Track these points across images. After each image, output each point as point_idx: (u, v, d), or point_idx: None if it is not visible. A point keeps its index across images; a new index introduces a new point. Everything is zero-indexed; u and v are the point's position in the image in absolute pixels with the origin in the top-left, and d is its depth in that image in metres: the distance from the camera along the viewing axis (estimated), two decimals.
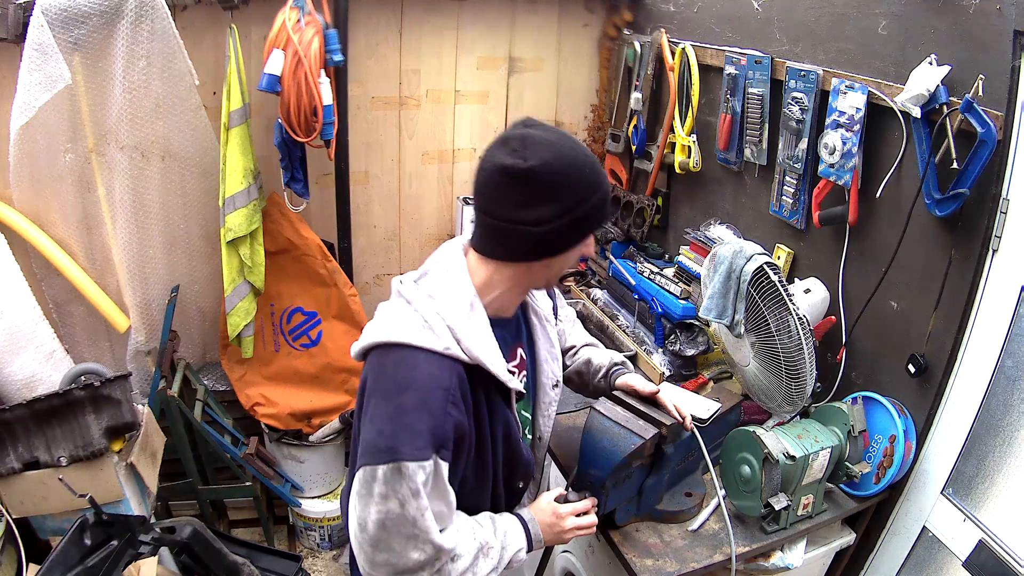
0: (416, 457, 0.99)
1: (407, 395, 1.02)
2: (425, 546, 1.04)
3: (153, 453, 1.90)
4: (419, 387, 1.02)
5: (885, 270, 1.63)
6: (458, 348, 1.06)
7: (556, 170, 1.03)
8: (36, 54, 1.81)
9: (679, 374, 2.11)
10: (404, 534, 1.02)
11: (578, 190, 1.05)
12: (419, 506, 1.01)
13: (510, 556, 1.20)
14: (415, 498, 1.00)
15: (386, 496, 1.00)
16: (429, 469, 1.01)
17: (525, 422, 1.32)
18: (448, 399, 1.03)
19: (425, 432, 1.00)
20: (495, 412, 1.15)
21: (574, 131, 2.85)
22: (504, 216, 1.06)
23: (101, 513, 1.55)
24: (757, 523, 1.56)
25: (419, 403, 1.01)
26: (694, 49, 2.21)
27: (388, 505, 1.01)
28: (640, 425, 1.44)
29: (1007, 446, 1.48)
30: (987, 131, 1.34)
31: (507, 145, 1.06)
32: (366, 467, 1.01)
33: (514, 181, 1.03)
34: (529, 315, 1.30)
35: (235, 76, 2.07)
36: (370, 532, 1.03)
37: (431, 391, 1.02)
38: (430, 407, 1.01)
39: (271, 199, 2.37)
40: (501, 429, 1.17)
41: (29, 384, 1.95)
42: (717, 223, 2.16)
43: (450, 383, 1.04)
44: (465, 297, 1.11)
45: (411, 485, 1.00)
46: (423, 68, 2.53)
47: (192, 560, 1.70)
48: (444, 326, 1.06)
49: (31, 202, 2.08)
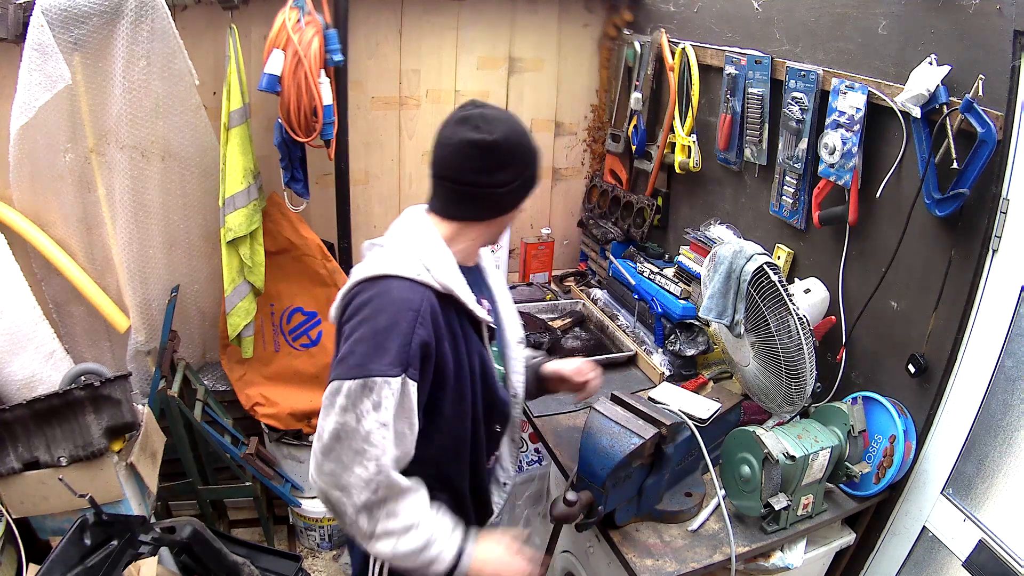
0: (384, 373, 1.07)
1: (380, 317, 1.11)
2: (369, 463, 1.10)
3: (153, 453, 1.90)
4: (391, 309, 1.11)
5: (885, 270, 1.63)
6: (429, 276, 1.17)
7: (514, 141, 1.22)
8: (36, 54, 1.81)
9: (679, 374, 2.11)
10: (353, 448, 1.09)
11: (527, 156, 1.26)
12: (377, 420, 1.08)
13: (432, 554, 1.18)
14: (375, 411, 1.08)
15: (346, 408, 1.08)
16: (395, 386, 1.09)
17: (500, 374, 1.37)
18: (417, 320, 1.11)
19: (394, 350, 1.08)
20: (470, 343, 1.24)
21: (574, 131, 2.85)
22: (472, 182, 1.22)
23: (101, 513, 1.55)
24: (757, 523, 1.56)
25: (390, 323, 1.10)
26: (694, 49, 2.21)
27: (346, 417, 1.08)
28: (640, 425, 1.45)
29: (1007, 446, 1.48)
30: (987, 131, 1.34)
31: (469, 123, 1.21)
32: (335, 380, 1.10)
33: (482, 152, 1.19)
34: (485, 274, 1.42)
35: (235, 76, 2.07)
36: (324, 440, 1.11)
37: (402, 312, 1.11)
38: (400, 327, 1.10)
39: (271, 199, 2.37)
40: (477, 362, 1.25)
41: (29, 384, 1.95)
42: (717, 223, 2.16)
43: (420, 305, 1.13)
44: (432, 238, 1.24)
45: (374, 399, 1.08)
46: (423, 68, 2.53)
47: (192, 560, 1.70)
48: (415, 258, 1.18)
49: (31, 202, 2.08)
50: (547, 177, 2.89)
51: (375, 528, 1.14)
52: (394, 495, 1.15)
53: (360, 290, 1.16)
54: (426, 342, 1.12)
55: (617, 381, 2.11)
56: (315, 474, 1.15)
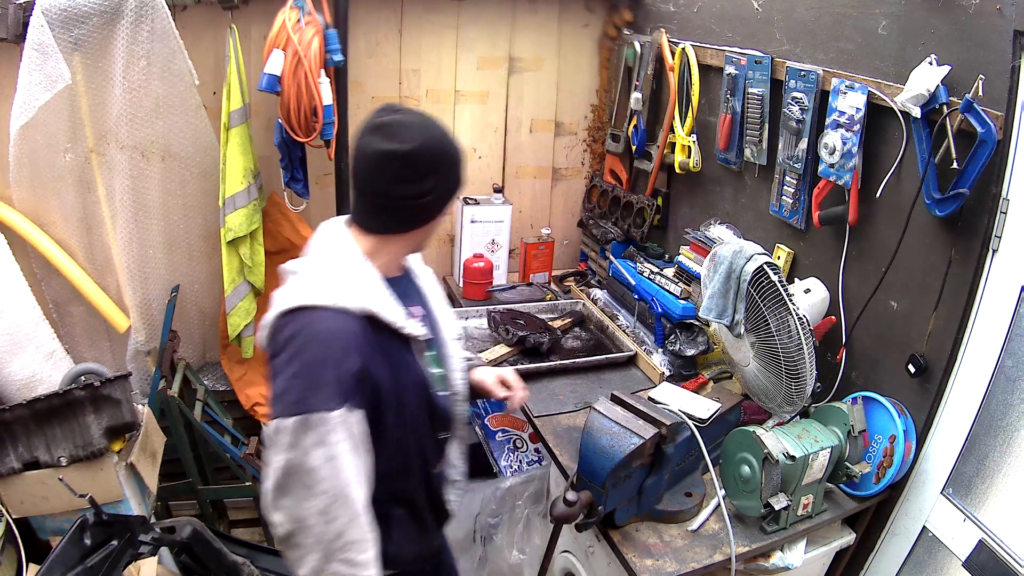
0: (323, 407, 1.05)
1: (308, 351, 1.08)
2: (320, 497, 1.08)
3: (153, 453, 1.90)
4: (320, 341, 1.08)
5: (885, 270, 1.63)
6: (350, 301, 1.12)
7: (430, 148, 1.16)
8: (36, 54, 1.81)
9: (679, 374, 2.11)
10: (302, 483, 1.07)
11: (447, 162, 1.21)
12: (327, 455, 1.06)
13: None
14: (323, 447, 1.06)
15: (291, 446, 1.06)
16: (337, 419, 1.06)
17: (438, 378, 1.34)
18: (347, 350, 1.09)
19: (329, 384, 1.06)
20: (404, 360, 1.21)
21: (574, 131, 2.85)
22: (390, 194, 1.17)
23: (101, 513, 1.55)
24: (757, 523, 1.56)
25: (320, 357, 1.07)
26: (694, 49, 2.21)
27: (292, 454, 1.06)
28: (640, 425, 1.45)
29: (1007, 446, 1.48)
30: (987, 131, 1.34)
31: (382, 132, 1.15)
32: (276, 419, 1.07)
33: (397, 163, 1.14)
34: (415, 277, 1.39)
35: (235, 76, 2.07)
36: (275, 479, 1.09)
37: (331, 344, 1.08)
38: (331, 359, 1.07)
39: (271, 199, 2.37)
40: (414, 377, 1.23)
41: (29, 384, 1.96)
42: (717, 223, 2.16)
43: (346, 335, 1.10)
44: (351, 257, 1.19)
45: (316, 436, 1.05)
46: (423, 68, 2.53)
47: (192, 560, 1.70)
48: (333, 283, 1.14)
49: (31, 202, 2.09)
50: (547, 177, 2.89)
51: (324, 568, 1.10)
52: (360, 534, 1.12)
53: (284, 323, 1.11)
54: (360, 369, 1.09)
55: (617, 381, 2.11)
56: (270, 509, 1.12)
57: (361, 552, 1.13)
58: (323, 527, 1.09)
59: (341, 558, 1.11)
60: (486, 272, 2.62)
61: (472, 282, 2.63)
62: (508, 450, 2.44)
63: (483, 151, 2.75)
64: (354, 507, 1.11)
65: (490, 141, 2.74)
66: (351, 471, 1.10)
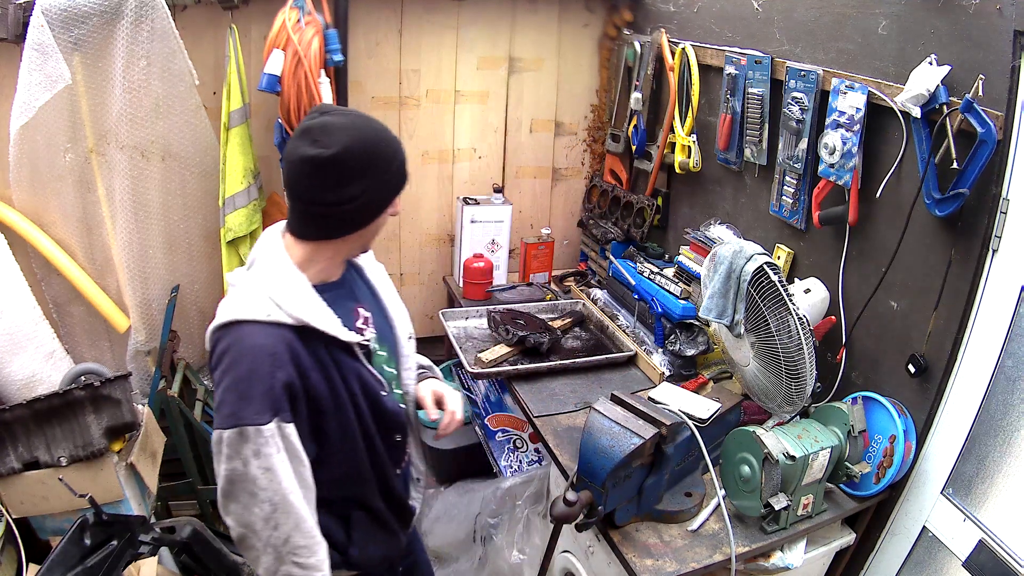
0: (255, 421, 1.08)
1: (240, 366, 1.10)
2: (264, 504, 1.11)
3: (153, 453, 1.90)
4: (248, 357, 1.10)
5: (885, 270, 1.63)
6: (280, 313, 1.13)
7: (357, 151, 1.12)
8: (36, 54, 1.81)
9: (679, 374, 2.11)
10: (247, 491, 1.11)
11: (379, 164, 1.15)
12: (262, 466, 1.09)
13: None
14: (255, 458, 1.09)
15: (231, 456, 1.09)
16: (269, 432, 1.09)
17: (391, 377, 1.34)
18: (275, 364, 1.10)
19: (259, 398, 1.08)
20: (343, 368, 1.20)
21: (574, 131, 2.85)
22: (317, 201, 1.14)
23: (101, 513, 1.55)
24: (757, 523, 1.56)
25: (249, 372, 1.09)
26: (694, 49, 2.21)
27: (234, 464, 1.10)
28: (640, 425, 1.45)
29: (1007, 446, 1.48)
30: (987, 131, 1.34)
31: (308, 136, 1.12)
32: (216, 431, 1.11)
33: (320, 169, 1.11)
34: (366, 276, 1.38)
35: (235, 76, 2.07)
36: (222, 485, 1.13)
37: (258, 359, 1.09)
38: (259, 374, 1.09)
39: (271, 199, 2.37)
40: (357, 384, 1.22)
41: (29, 384, 1.95)
42: (717, 223, 2.16)
43: (276, 348, 1.11)
44: (282, 268, 1.18)
45: (252, 447, 1.08)
46: (423, 68, 2.53)
47: (192, 560, 1.71)
48: (264, 296, 1.14)
49: (31, 202, 2.08)
50: (547, 177, 2.89)
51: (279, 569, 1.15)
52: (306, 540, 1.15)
53: (219, 337, 1.14)
54: (289, 382, 1.10)
55: (617, 381, 2.11)
56: (223, 513, 1.16)
57: (310, 556, 1.16)
58: (270, 532, 1.13)
59: (292, 561, 1.15)
60: (486, 272, 2.62)
61: (472, 282, 2.63)
62: (508, 450, 2.45)
63: (483, 151, 2.75)
64: (296, 514, 1.14)
65: (490, 141, 2.74)
66: (289, 480, 1.12)
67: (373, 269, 1.41)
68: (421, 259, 2.82)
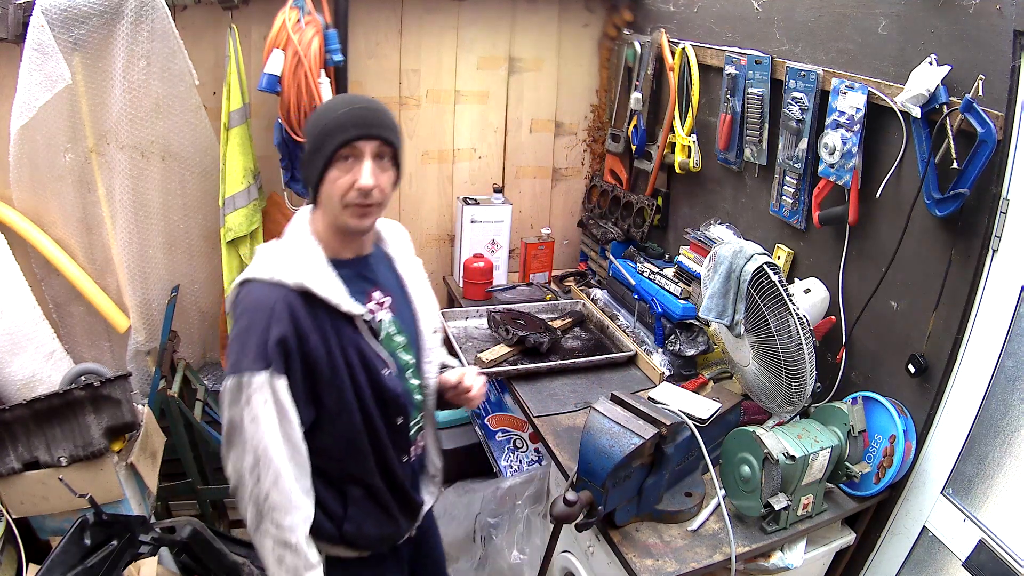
0: (251, 369, 1.15)
1: (242, 320, 1.20)
2: (249, 455, 1.18)
3: (153, 453, 1.90)
4: (250, 311, 1.19)
5: (885, 270, 1.63)
6: (284, 276, 1.20)
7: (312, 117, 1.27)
8: (36, 54, 1.81)
9: (679, 374, 2.11)
10: (241, 439, 1.19)
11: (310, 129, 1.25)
12: (248, 415, 1.17)
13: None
14: (248, 407, 1.16)
15: (231, 404, 1.18)
16: (260, 382, 1.16)
17: (408, 366, 1.38)
18: (270, 318, 1.17)
19: (254, 348, 1.16)
20: (343, 338, 1.24)
21: (574, 131, 2.85)
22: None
23: (101, 513, 1.55)
24: (757, 523, 1.56)
25: (248, 325, 1.18)
26: (694, 49, 2.21)
27: (231, 412, 1.19)
28: (640, 425, 1.45)
29: (1007, 446, 1.48)
30: (987, 131, 1.34)
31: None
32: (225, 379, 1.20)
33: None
34: (396, 267, 1.43)
35: (235, 76, 2.07)
36: (224, 433, 1.23)
37: (257, 313, 1.18)
38: (256, 327, 1.17)
39: (271, 199, 2.37)
40: (355, 354, 1.25)
41: (29, 384, 1.95)
42: (717, 223, 2.16)
43: (274, 305, 1.18)
44: (299, 238, 1.27)
45: (246, 395, 1.16)
46: (423, 68, 2.53)
47: (192, 560, 1.71)
48: (274, 260, 1.23)
49: (31, 202, 2.08)
50: (547, 177, 2.89)
51: (259, 524, 1.21)
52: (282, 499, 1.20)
53: (234, 294, 1.24)
54: (283, 338, 1.17)
55: (617, 381, 2.11)
56: (224, 458, 1.25)
57: (285, 516, 1.20)
58: (254, 484, 1.19)
59: (270, 518, 1.20)
60: (486, 272, 2.62)
61: (472, 282, 2.63)
62: (508, 450, 2.45)
63: (483, 151, 2.75)
64: (275, 469, 1.19)
65: (490, 141, 2.74)
66: (272, 433, 1.18)
67: (407, 262, 1.46)
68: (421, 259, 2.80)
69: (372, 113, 1.22)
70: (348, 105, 1.23)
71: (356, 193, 1.20)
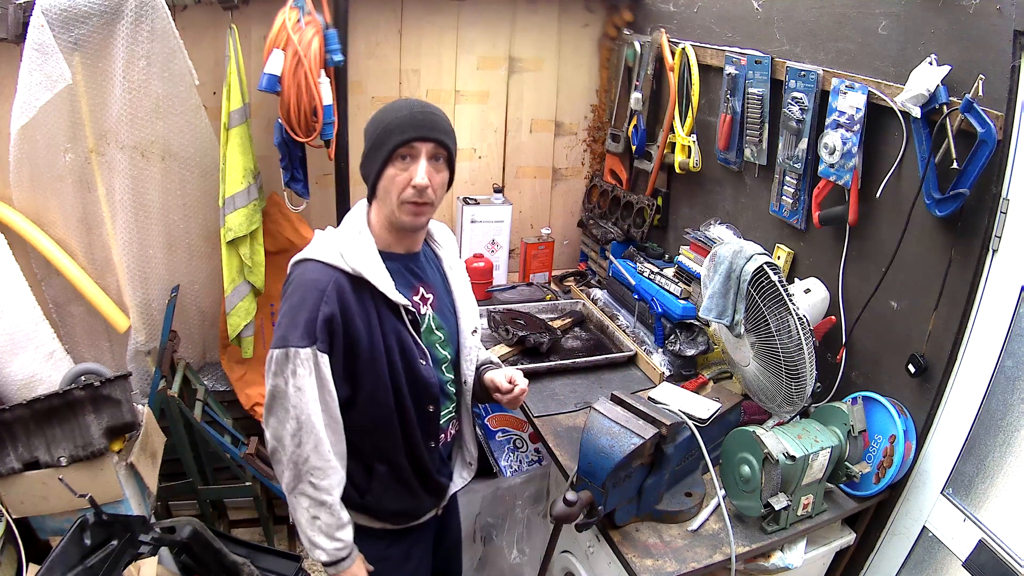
0: (297, 344, 1.24)
1: (295, 296, 1.27)
2: (291, 421, 1.27)
3: (153, 453, 1.90)
4: (303, 289, 1.27)
5: (885, 270, 1.63)
6: (340, 260, 1.28)
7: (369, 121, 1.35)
8: (36, 54, 1.81)
9: (679, 374, 2.11)
10: (283, 407, 1.27)
11: (371, 128, 1.33)
12: (296, 385, 1.25)
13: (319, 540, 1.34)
14: (293, 378, 1.24)
15: (276, 373, 1.26)
16: (306, 356, 1.24)
17: (444, 360, 1.46)
18: (321, 298, 1.25)
19: (302, 324, 1.24)
20: (385, 323, 1.32)
21: (574, 131, 2.85)
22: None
23: (101, 513, 1.55)
24: (757, 523, 1.56)
25: (300, 301, 1.26)
26: (694, 49, 2.21)
27: (276, 381, 1.26)
28: (640, 425, 1.45)
29: (1007, 446, 1.48)
30: (987, 131, 1.34)
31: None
32: (271, 350, 1.27)
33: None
34: (443, 267, 1.51)
35: (235, 76, 2.07)
36: (266, 401, 1.30)
37: (309, 291, 1.26)
38: (307, 304, 1.25)
39: (271, 199, 2.37)
40: (395, 341, 1.33)
41: (29, 384, 1.95)
42: (717, 223, 2.16)
43: (326, 285, 1.26)
44: (355, 226, 1.35)
45: (292, 366, 1.24)
46: (423, 68, 2.53)
47: (192, 560, 1.70)
48: (332, 244, 1.31)
49: (31, 202, 2.08)
50: (547, 177, 2.89)
51: (296, 485, 1.31)
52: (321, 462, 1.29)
53: (290, 272, 1.32)
54: (331, 317, 1.24)
55: (617, 381, 2.11)
56: (264, 423, 1.32)
57: (323, 478, 1.30)
58: (294, 448, 1.28)
59: (308, 480, 1.30)
60: (486, 272, 2.62)
61: (472, 282, 2.61)
62: (508, 450, 2.44)
63: (483, 151, 2.75)
64: (316, 435, 1.28)
65: (490, 141, 2.74)
66: (314, 403, 1.27)
67: (453, 264, 1.53)
68: None
69: (430, 116, 1.30)
70: (409, 108, 1.30)
71: (412, 191, 1.28)
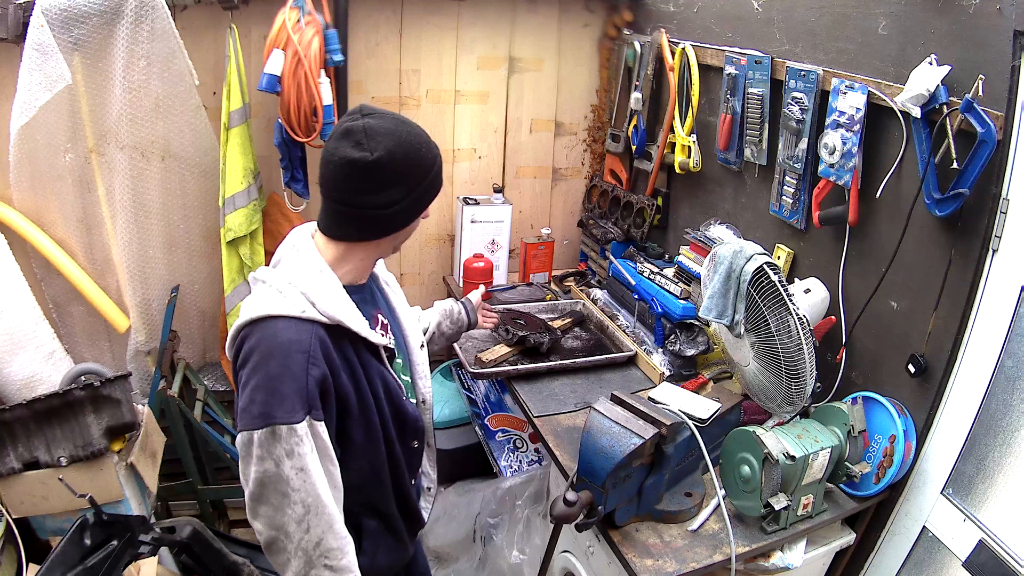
0: (288, 420, 1.06)
1: (271, 363, 1.07)
2: (296, 506, 1.10)
3: (153, 453, 1.90)
4: (281, 353, 1.08)
5: (885, 270, 1.63)
6: (314, 311, 1.12)
7: (399, 157, 1.13)
8: (36, 54, 1.81)
9: (679, 374, 2.11)
10: (279, 492, 1.09)
11: (418, 171, 1.17)
12: (295, 467, 1.08)
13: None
14: (290, 459, 1.07)
15: (263, 457, 1.07)
16: (302, 431, 1.07)
17: (407, 385, 1.35)
18: (308, 361, 1.08)
19: (292, 395, 1.06)
20: (369, 369, 1.20)
21: (574, 131, 2.85)
22: (355, 203, 1.16)
23: (101, 513, 1.55)
24: (757, 523, 1.56)
25: (282, 369, 1.07)
26: (694, 49, 2.21)
27: (265, 465, 1.08)
28: (640, 425, 1.45)
29: (1007, 446, 1.48)
30: (987, 131, 1.34)
31: (351, 138, 1.12)
32: (243, 432, 1.08)
33: (362, 172, 1.12)
34: (380, 284, 1.39)
35: (235, 76, 2.07)
36: (251, 488, 1.11)
37: (291, 355, 1.08)
38: (293, 371, 1.07)
39: (271, 199, 2.37)
40: (380, 386, 1.22)
41: (29, 384, 1.95)
42: (717, 223, 2.16)
43: (309, 345, 1.09)
44: (315, 266, 1.18)
45: (285, 447, 1.06)
46: (423, 68, 2.53)
47: (192, 560, 1.70)
48: (297, 292, 1.13)
49: (31, 202, 2.08)
50: (547, 177, 2.89)
51: (309, 571, 1.13)
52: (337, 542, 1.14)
53: (247, 334, 1.11)
54: (321, 379, 1.09)
55: (617, 381, 2.11)
56: (251, 518, 1.14)
57: (342, 557, 1.15)
58: (302, 535, 1.11)
59: (323, 564, 1.14)
60: (486, 272, 2.62)
61: (472, 282, 2.62)
62: (508, 450, 2.45)
63: (483, 151, 2.75)
64: (329, 515, 1.12)
65: (490, 141, 2.75)
66: (322, 481, 1.11)
67: (388, 279, 1.42)
68: (421, 259, 2.82)
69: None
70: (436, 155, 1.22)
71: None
